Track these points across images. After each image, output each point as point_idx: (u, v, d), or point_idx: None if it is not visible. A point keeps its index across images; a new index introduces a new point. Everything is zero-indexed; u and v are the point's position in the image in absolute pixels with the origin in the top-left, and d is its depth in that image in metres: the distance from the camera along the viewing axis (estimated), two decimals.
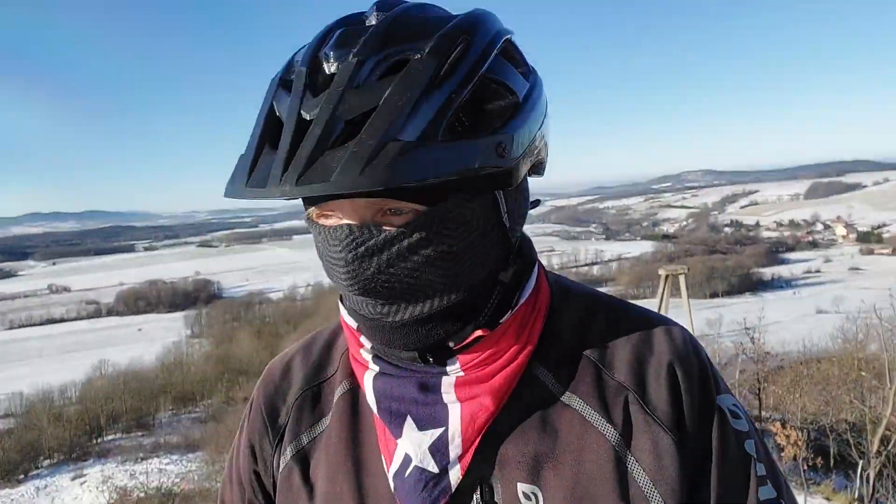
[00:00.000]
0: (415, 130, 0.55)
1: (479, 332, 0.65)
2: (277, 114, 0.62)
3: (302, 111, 0.58)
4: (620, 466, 0.64)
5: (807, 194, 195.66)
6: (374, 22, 0.63)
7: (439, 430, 0.65)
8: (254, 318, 59.84)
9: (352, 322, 0.70)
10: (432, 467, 0.65)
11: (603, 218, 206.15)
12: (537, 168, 0.71)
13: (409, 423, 0.66)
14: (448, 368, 0.66)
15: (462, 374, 0.66)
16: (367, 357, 0.70)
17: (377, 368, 0.69)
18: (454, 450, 0.65)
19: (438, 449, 0.65)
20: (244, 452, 0.82)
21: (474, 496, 0.65)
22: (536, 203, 0.74)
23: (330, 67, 0.59)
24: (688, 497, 0.64)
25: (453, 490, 0.65)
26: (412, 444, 0.66)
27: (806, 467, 10.15)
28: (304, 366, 0.81)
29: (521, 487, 0.64)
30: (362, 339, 0.70)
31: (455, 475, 0.65)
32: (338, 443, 0.73)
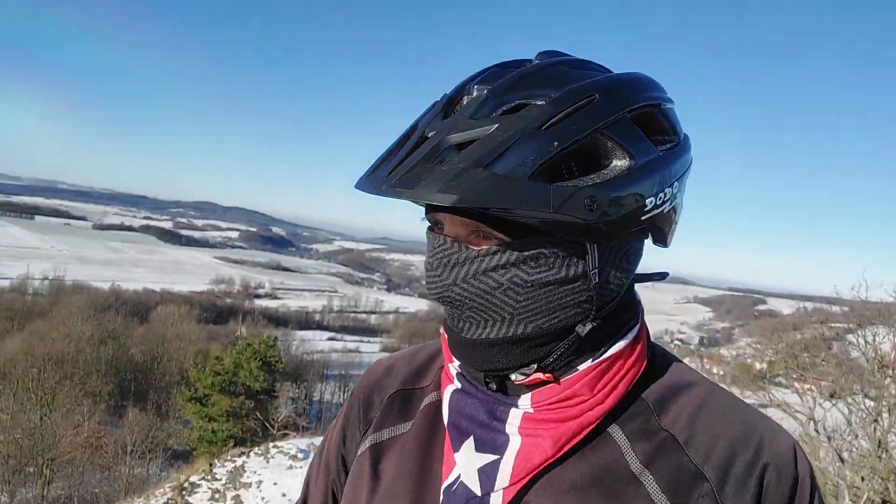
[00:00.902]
0: (505, 165, 0.59)
1: (540, 375, 0.68)
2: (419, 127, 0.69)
3: (427, 129, 0.65)
4: None
5: None
6: None
7: (493, 457, 0.68)
8: None
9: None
10: (475, 489, 0.67)
11: (387, 269, 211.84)
12: (656, 236, 0.72)
13: (469, 443, 0.70)
14: (519, 402, 0.69)
15: (531, 411, 0.68)
16: (453, 372, 0.75)
17: (458, 385, 0.74)
18: (501, 479, 0.67)
19: (486, 473, 0.68)
20: (337, 435, 0.88)
21: None
22: (664, 275, 0.76)
23: (467, 99, 0.67)
24: None
25: None
26: (466, 462, 0.69)
27: None
28: (405, 370, 0.87)
29: None
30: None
31: (495, 503, 0.67)
32: (412, 447, 0.77)
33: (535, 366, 0.68)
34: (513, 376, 0.69)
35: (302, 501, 0.91)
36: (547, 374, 0.68)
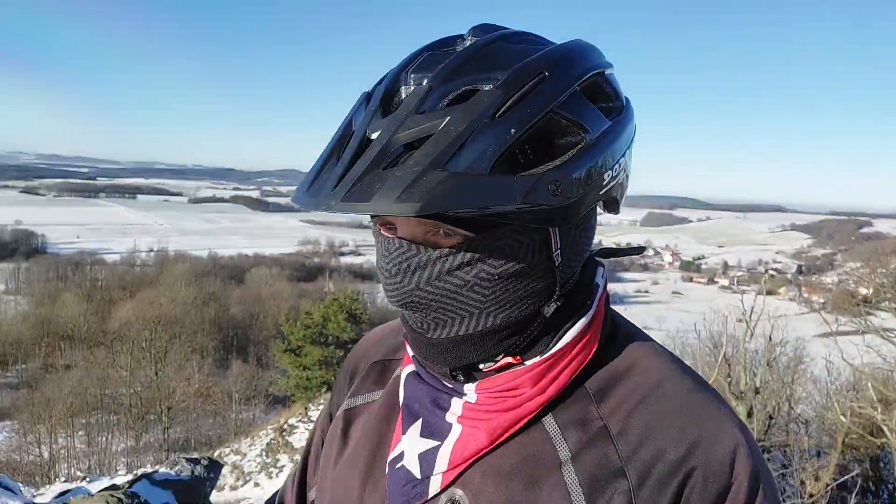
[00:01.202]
0: (464, 161, 0.55)
1: (508, 359, 0.67)
2: (353, 128, 0.63)
3: (368, 130, 0.60)
4: None
5: (642, 222, 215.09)
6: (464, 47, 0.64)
7: (435, 443, 0.68)
8: (83, 280, 53.93)
9: None
10: (416, 472, 0.68)
11: None
12: (610, 205, 0.69)
13: (417, 426, 0.70)
14: (465, 389, 0.68)
15: (473, 399, 0.68)
16: (410, 354, 0.75)
17: (413, 368, 0.75)
18: (440, 465, 0.67)
19: (426, 459, 0.68)
20: (333, 395, 0.93)
21: None
22: (641, 250, 0.75)
23: (405, 91, 0.62)
24: None
25: (429, 497, 0.67)
26: (409, 445, 0.70)
27: None
28: (391, 340, 0.88)
29: None
30: None
31: (433, 487, 0.67)
32: (378, 416, 0.78)
33: (504, 353, 0.67)
34: (481, 365, 0.68)
35: (308, 444, 0.94)
36: (516, 357, 0.67)
